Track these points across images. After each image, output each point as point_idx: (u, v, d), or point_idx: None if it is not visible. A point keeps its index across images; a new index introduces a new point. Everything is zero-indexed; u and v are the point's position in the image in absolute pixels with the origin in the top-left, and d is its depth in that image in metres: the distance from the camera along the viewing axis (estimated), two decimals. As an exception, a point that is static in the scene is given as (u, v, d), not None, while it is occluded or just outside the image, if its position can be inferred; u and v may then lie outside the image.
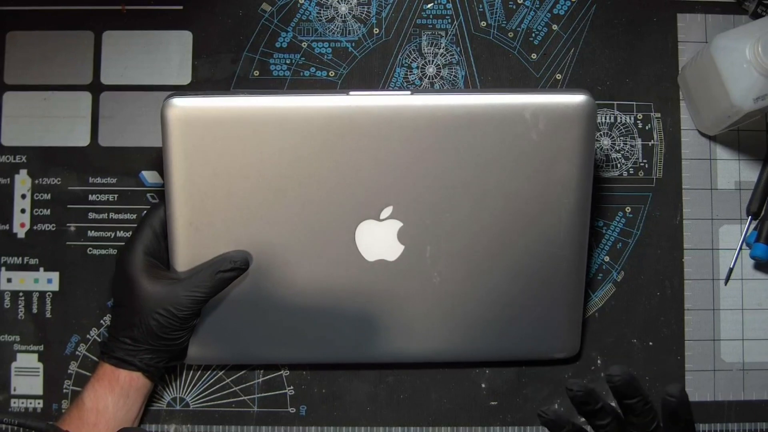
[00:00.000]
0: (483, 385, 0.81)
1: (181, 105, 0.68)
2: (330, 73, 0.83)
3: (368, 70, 0.83)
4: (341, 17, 0.84)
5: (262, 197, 0.71)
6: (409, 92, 0.69)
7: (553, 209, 0.72)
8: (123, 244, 0.75)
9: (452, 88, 0.83)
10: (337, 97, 0.69)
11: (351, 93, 0.69)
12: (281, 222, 0.72)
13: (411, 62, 0.83)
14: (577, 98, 0.69)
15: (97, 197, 0.82)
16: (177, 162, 0.69)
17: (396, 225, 0.72)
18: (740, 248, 0.83)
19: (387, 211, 0.72)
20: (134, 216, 0.82)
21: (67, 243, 0.82)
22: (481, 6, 0.84)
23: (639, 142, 0.83)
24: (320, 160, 0.70)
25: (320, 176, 0.70)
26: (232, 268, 0.71)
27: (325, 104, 0.69)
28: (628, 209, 0.83)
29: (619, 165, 0.83)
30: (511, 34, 0.84)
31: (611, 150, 0.83)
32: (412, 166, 0.70)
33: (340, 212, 0.71)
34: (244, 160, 0.70)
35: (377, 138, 0.69)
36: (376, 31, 0.84)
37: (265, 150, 0.69)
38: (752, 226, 0.83)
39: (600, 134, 0.83)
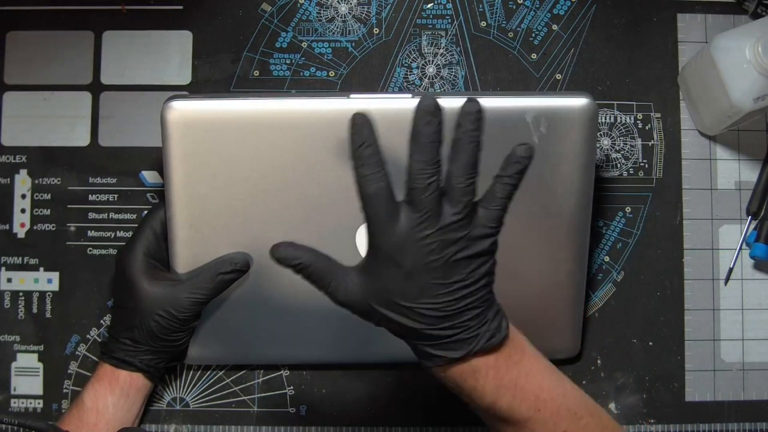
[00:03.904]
0: (483, 385, 0.81)
1: (181, 108, 0.68)
2: (330, 73, 0.83)
3: (368, 70, 0.83)
4: (341, 17, 0.83)
5: (262, 199, 0.71)
6: (410, 95, 0.69)
7: (554, 211, 0.72)
8: (123, 244, 0.74)
9: (453, 90, 0.83)
10: (337, 100, 0.69)
11: (351, 96, 0.69)
12: (282, 224, 0.72)
13: (411, 62, 0.83)
14: (579, 101, 0.69)
15: (97, 197, 0.82)
16: (177, 164, 0.69)
17: (396, 226, 0.72)
18: (740, 248, 0.83)
19: (388, 213, 0.72)
20: (134, 216, 0.82)
21: (67, 243, 0.82)
22: (481, 6, 0.84)
23: (639, 142, 0.83)
24: (320, 162, 0.70)
25: (320, 179, 0.70)
26: (232, 270, 0.72)
27: (325, 107, 0.69)
28: (628, 209, 0.83)
29: (619, 165, 0.83)
30: (511, 34, 0.84)
31: (611, 150, 0.83)
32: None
33: (340, 214, 0.71)
34: (244, 163, 0.70)
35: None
36: (376, 31, 0.83)
37: (265, 152, 0.69)
38: (752, 226, 0.83)
39: (600, 134, 0.83)
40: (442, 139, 0.57)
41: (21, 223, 0.82)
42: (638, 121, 0.83)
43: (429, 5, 0.84)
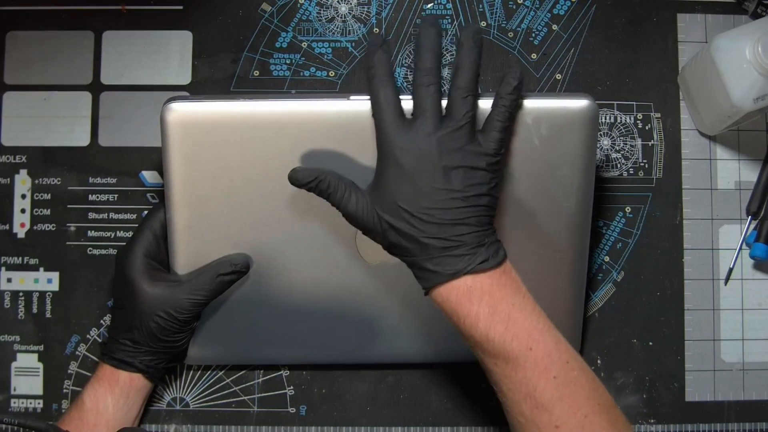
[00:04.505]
0: (483, 386, 0.81)
1: (181, 109, 0.68)
2: (330, 73, 0.83)
3: (368, 70, 0.83)
4: (341, 17, 0.83)
5: (262, 200, 0.71)
6: (410, 96, 0.69)
7: (554, 212, 0.72)
8: (123, 245, 0.74)
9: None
10: (337, 102, 0.69)
11: (351, 98, 0.68)
12: (281, 225, 0.72)
13: (411, 62, 0.83)
14: (580, 103, 0.69)
15: (97, 197, 0.82)
16: (177, 166, 0.69)
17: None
18: (740, 248, 0.83)
19: (388, 213, 0.72)
20: (134, 216, 0.82)
21: (67, 243, 0.82)
22: (481, 6, 0.84)
23: (639, 142, 0.83)
24: (320, 163, 0.69)
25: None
26: (232, 271, 0.72)
27: (325, 109, 0.69)
28: (628, 209, 0.83)
29: (619, 165, 0.83)
30: (511, 34, 0.84)
31: (611, 150, 0.83)
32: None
33: (340, 216, 0.71)
34: (244, 164, 0.70)
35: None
36: (376, 31, 0.83)
37: (265, 153, 0.69)
38: (752, 226, 0.83)
39: (600, 134, 0.83)
40: (441, 51, 0.64)
41: (21, 223, 0.82)
42: (638, 121, 0.83)
43: (429, 5, 0.84)
